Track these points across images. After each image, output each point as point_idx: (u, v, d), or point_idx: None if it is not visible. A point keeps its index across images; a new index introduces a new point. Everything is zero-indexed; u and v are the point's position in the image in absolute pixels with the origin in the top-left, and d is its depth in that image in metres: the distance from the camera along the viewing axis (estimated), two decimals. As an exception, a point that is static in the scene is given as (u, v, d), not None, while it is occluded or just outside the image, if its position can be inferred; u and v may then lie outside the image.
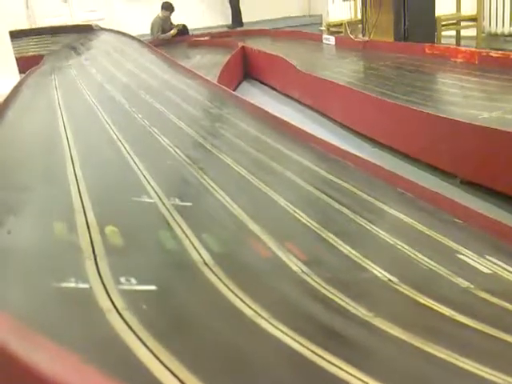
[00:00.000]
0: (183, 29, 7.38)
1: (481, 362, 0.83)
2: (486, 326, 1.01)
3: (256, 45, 6.00)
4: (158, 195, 1.46)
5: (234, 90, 4.65)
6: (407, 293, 1.12)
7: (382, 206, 1.72)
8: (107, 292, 0.84)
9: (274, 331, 0.82)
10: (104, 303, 0.81)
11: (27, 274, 0.91)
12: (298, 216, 1.50)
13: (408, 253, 1.36)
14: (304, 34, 6.60)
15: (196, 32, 7.70)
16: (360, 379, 0.72)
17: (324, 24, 8.20)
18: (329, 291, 1.05)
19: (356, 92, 3.46)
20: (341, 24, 6.48)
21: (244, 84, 5.55)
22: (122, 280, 0.89)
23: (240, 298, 0.92)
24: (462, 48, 4.57)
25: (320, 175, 2.02)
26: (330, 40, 5.77)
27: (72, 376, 0.39)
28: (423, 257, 1.33)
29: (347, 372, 0.73)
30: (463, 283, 1.23)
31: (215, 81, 3.85)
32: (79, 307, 0.82)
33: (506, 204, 2.22)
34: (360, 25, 5.48)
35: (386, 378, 0.76)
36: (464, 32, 5.70)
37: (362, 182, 1.91)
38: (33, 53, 6.43)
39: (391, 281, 1.17)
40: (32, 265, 0.97)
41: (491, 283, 1.29)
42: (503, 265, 1.38)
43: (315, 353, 0.76)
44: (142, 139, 2.24)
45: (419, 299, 1.09)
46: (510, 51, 4.00)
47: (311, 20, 9.34)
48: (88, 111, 2.80)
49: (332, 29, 7.08)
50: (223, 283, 0.98)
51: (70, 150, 1.88)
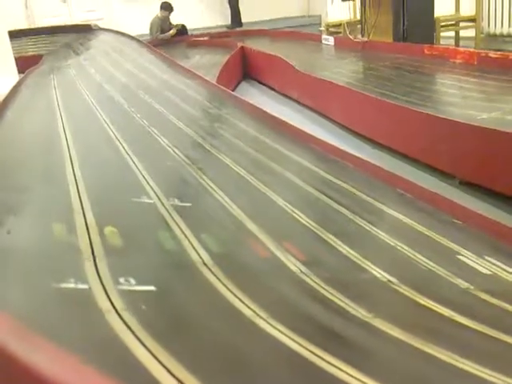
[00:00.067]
0: (182, 29, 7.39)
1: (481, 363, 0.83)
2: (486, 327, 1.01)
3: (255, 45, 6.00)
4: (157, 195, 1.46)
5: (233, 90, 4.64)
6: (407, 293, 1.12)
7: (382, 207, 1.72)
8: (106, 292, 0.84)
9: (273, 331, 0.82)
10: (103, 304, 0.80)
11: (26, 275, 0.91)
12: (297, 216, 1.50)
13: (407, 253, 1.36)
14: (303, 35, 6.60)
15: (195, 32, 7.70)
16: (359, 380, 0.72)
17: (323, 24, 8.21)
18: (328, 292, 1.05)
19: (355, 92, 3.45)
20: (340, 24, 6.49)
21: (243, 84, 5.55)
22: (121, 280, 0.89)
23: (239, 298, 0.92)
24: (461, 49, 4.57)
25: (319, 175, 2.02)
26: (329, 40, 5.78)
27: (71, 376, 0.39)
28: (423, 257, 1.33)
29: (346, 373, 0.73)
30: (463, 284, 1.23)
31: (214, 81, 3.85)
32: (78, 308, 0.81)
33: (505, 205, 2.22)
34: (359, 25, 5.49)
35: (386, 379, 0.76)
36: (463, 33, 5.71)
37: (362, 183, 1.91)
38: (32, 53, 6.44)
39: (391, 281, 1.17)
40: (31, 265, 0.97)
41: (491, 284, 1.29)
42: (502, 265, 1.38)
43: (314, 353, 0.76)
44: (141, 139, 2.24)
45: (419, 300, 1.09)
46: (509, 52, 4.00)
47: (310, 20, 9.33)
48: (87, 111, 2.80)
49: (331, 29, 7.09)
50: (222, 283, 0.98)
51: (69, 150, 1.88)
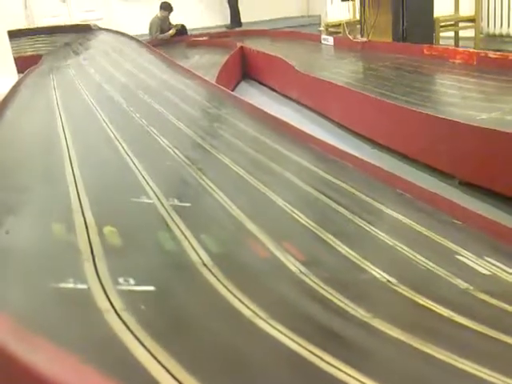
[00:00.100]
0: (182, 29, 7.38)
1: (480, 363, 0.83)
2: (485, 327, 1.01)
3: (254, 45, 6.00)
4: (157, 195, 1.46)
5: (233, 91, 4.64)
6: (406, 294, 1.12)
7: (381, 207, 1.72)
8: (105, 292, 0.84)
9: (273, 332, 0.82)
10: (102, 304, 0.80)
11: (25, 275, 0.91)
12: (297, 216, 1.50)
13: (407, 254, 1.36)
14: (303, 35, 6.60)
15: (194, 32, 7.70)
16: (359, 380, 0.72)
17: (322, 24, 8.21)
18: (327, 292, 1.05)
19: (355, 92, 3.46)
20: (339, 24, 6.49)
21: (242, 84, 5.55)
22: (121, 280, 0.89)
23: (238, 299, 0.92)
24: (461, 49, 4.57)
25: (319, 176, 2.02)
26: (329, 40, 5.78)
27: (71, 376, 0.39)
28: (422, 258, 1.33)
29: (346, 373, 0.73)
30: (462, 284, 1.23)
31: (214, 81, 3.85)
32: (78, 308, 0.81)
33: (505, 205, 2.22)
34: (358, 25, 5.49)
35: (385, 379, 0.76)
36: (462, 33, 5.71)
37: (361, 183, 1.91)
38: (31, 53, 6.44)
39: (390, 282, 1.17)
40: (30, 265, 0.96)
41: (490, 284, 1.29)
42: (502, 266, 1.38)
43: (314, 353, 0.76)
44: (141, 139, 2.24)
45: (418, 300, 1.09)
46: (509, 52, 4.00)
47: (310, 20, 9.33)
48: (86, 111, 2.80)
49: (330, 29, 7.08)
50: (222, 284, 0.98)
51: (69, 150, 1.88)
